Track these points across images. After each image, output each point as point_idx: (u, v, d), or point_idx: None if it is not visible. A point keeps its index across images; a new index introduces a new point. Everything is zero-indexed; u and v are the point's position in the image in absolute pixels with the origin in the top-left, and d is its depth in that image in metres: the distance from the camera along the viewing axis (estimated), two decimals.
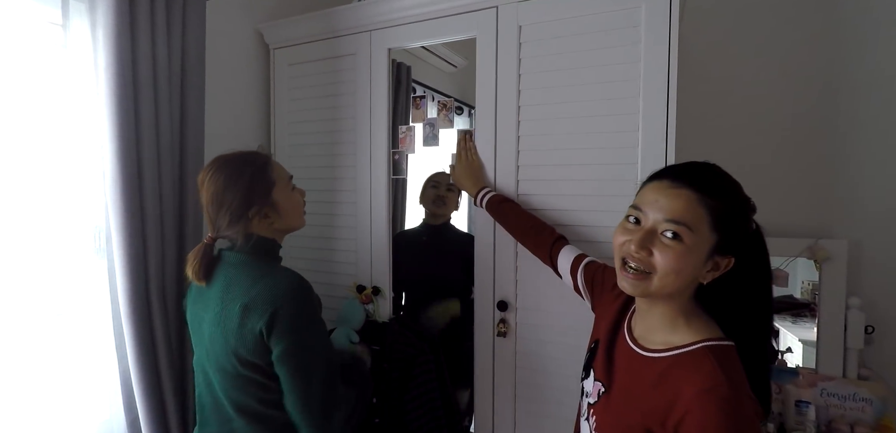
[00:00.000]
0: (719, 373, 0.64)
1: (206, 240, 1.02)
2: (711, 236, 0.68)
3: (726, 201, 0.69)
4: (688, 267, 0.68)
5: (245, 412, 0.97)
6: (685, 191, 0.68)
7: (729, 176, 0.72)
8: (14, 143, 1.10)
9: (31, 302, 1.13)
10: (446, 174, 1.83)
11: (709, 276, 0.70)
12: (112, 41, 1.10)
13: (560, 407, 1.29)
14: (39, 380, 1.14)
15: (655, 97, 1.14)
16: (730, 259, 0.69)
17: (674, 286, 0.70)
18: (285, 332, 0.92)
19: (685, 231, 0.67)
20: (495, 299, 1.35)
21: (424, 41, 1.46)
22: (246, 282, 0.96)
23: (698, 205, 0.67)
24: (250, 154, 1.05)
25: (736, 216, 0.69)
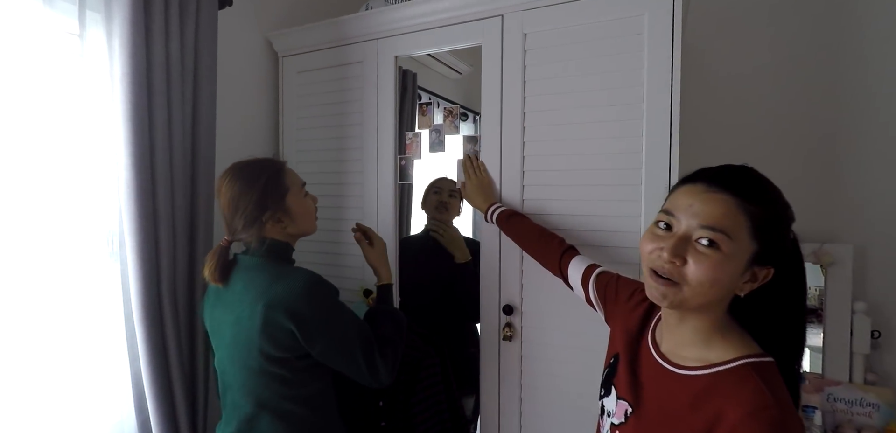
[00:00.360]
0: (766, 392, 0.60)
1: (222, 243, 1.07)
2: (751, 245, 0.63)
3: (768, 208, 0.64)
4: (725, 277, 0.63)
5: (268, 408, 1.02)
6: (723, 195, 0.63)
7: (769, 181, 0.67)
8: (32, 149, 1.13)
9: (45, 304, 1.15)
10: (449, 180, 1.84)
11: (746, 288, 0.65)
12: (127, 50, 1.13)
13: (565, 410, 1.30)
14: (53, 380, 1.16)
15: (659, 103, 1.15)
16: (769, 270, 0.65)
17: (708, 298, 0.65)
18: (318, 333, 0.99)
19: (723, 238, 0.62)
20: (501, 303, 1.36)
21: (430, 49, 1.49)
22: (264, 282, 1.00)
23: (738, 210, 0.62)
24: (266, 161, 1.10)
25: (777, 224, 0.65)
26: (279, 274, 1.02)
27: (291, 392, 1.02)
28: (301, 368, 1.03)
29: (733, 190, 0.64)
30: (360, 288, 1.58)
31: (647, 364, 0.75)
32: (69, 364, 1.19)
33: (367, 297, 1.54)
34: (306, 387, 1.05)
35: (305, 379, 1.05)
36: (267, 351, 0.98)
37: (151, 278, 1.18)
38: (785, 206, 0.66)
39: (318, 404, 1.09)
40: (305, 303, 0.98)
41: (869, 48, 1.46)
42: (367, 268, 1.58)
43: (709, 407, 0.63)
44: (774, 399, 0.59)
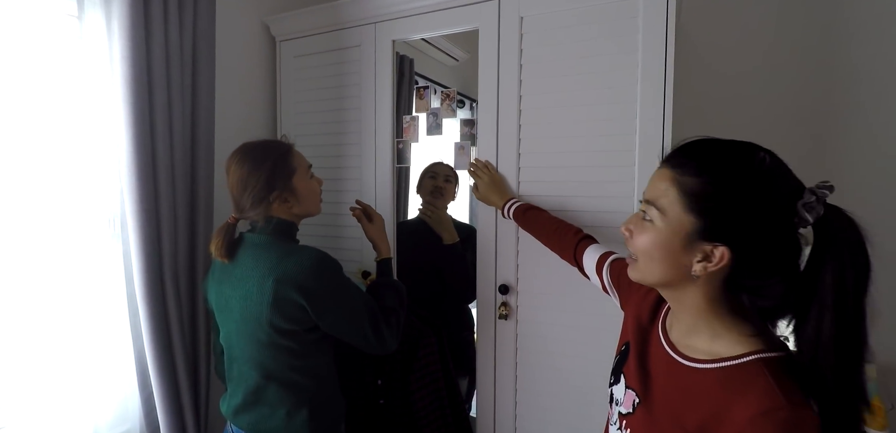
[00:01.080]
0: (776, 392, 0.56)
1: (229, 220, 1.10)
2: (688, 219, 0.61)
3: (710, 180, 0.60)
4: (659, 251, 0.63)
5: (275, 378, 1.07)
6: (664, 170, 0.64)
7: (731, 152, 0.61)
8: (32, 132, 1.14)
9: (48, 285, 1.17)
10: (445, 165, 1.86)
11: (699, 268, 0.61)
12: (127, 32, 1.14)
13: (560, 387, 1.34)
14: (58, 360, 1.18)
15: (653, 86, 1.17)
16: (723, 249, 0.59)
17: (657, 273, 0.65)
18: (328, 306, 1.04)
19: (654, 211, 0.64)
20: (497, 283, 1.39)
21: (428, 33, 1.50)
22: (273, 258, 1.04)
23: (671, 184, 0.62)
24: (274, 142, 1.13)
25: (726, 198, 0.59)
26: (287, 251, 1.05)
27: (299, 363, 1.07)
28: (309, 341, 1.08)
29: (671, 163, 0.64)
30: (358, 270, 1.60)
31: (657, 353, 0.73)
32: (73, 343, 1.21)
33: (365, 279, 1.57)
34: (312, 358, 1.10)
35: (312, 351, 1.09)
36: (276, 324, 1.02)
37: (154, 256, 1.20)
38: (748, 179, 0.59)
39: (322, 376, 1.13)
40: (315, 279, 1.02)
41: (855, 40, 1.49)
42: (365, 250, 1.61)
43: (716, 403, 0.61)
44: (786, 399, 0.55)
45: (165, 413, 1.25)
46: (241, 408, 1.11)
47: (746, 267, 0.60)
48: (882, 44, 1.47)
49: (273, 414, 1.08)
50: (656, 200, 0.64)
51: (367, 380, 1.51)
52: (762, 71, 1.60)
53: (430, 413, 1.48)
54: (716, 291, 0.64)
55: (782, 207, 0.58)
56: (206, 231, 1.35)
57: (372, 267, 1.59)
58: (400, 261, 1.61)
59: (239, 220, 1.11)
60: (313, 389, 1.10)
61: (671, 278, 0.65)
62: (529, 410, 1.39)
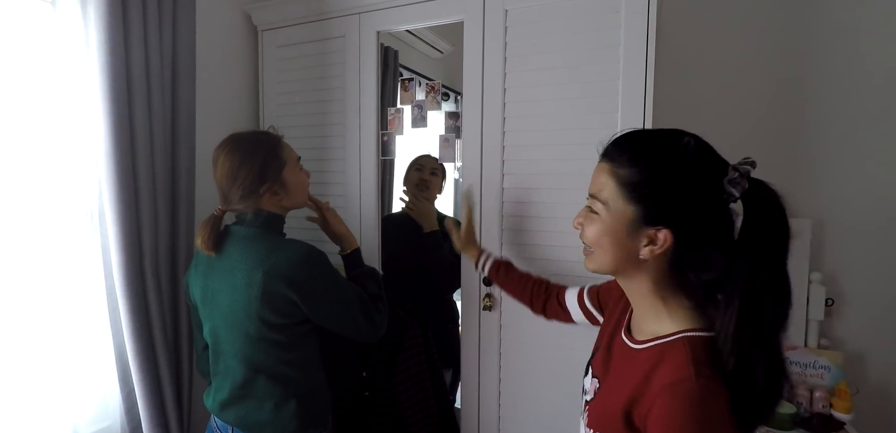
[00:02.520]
0: (688, 366, 0.60)
1: (215, 212, 1.08)
2: (628, 207, 0.66)
3: (644, 169, 0.65)
4: (605, 238, 0.68)
5: (264, 372, 1.07)
6: (603, 164, 0.70)
7: (658, 141, 0.66)
8: (7, 123, 1.10)
9: (25, 280, 1.14)
10: (431, 158, 1.85)
11: (646, 252, 0.66)
12: (104, 19, 1.11)
13: (543, 377, 1.36)
14: (36, 356, 1.16)
15: (634, 80, 1.19)
16: (665, 232, 0.64)
17: (605, 259, 0.70)
18: (319, 299, 1.05)
19: (597, 204, 0.69)
20: (481, 274, 1.40)
21: (412, 24, 1.49)
22: (262, 251, 1.04)
23: (609, 177, 0.67)
24: (264, 134, 1.12)
25: (661, 184, 0.64)
26: (276, 245, 1.05)
27: (288, 356, 1.08)
28: (298, 334, 1.09)
29: (607, 157, 0.69)
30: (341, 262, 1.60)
31: (618, 344, 0.79)
32: (51, 339, 1.18)
33: None
34: (300, 350, 1.10)
35: (300, 343, 1.10)
36: (266, 317, 1.02)
37: (133, 249, 1.18)
38: (676, 163, 0.63)
39: (310, 369, 1.14)
40: (305, 272, 1.02)
41: (829, 31, 1.54)
42: None
43: (642, 378, 0.65)
44: (695, 372, 0.59)
45: (147, 409, 1.23)
46: (227, 402, 1.10)
47: (687, 244, 0.64)
48: (858, 45, 1.52)
49: (261, 407, 1.07)
50: (598, 194, 0.69)
51: (351, 372, 1.51)
52: (740, 67, 1.64)
53: (415, 404, 1.49)
54: (662, 273, 0.68)
55: (711, 185, 0.62)
56: (188, 223, 1.33)
57: None
58: (385, 255, 1.61)
59: (225, 212, 1.09)
60: (301, 381, 1.10)
61: (622, 264, 0.69)
62: (513, 400, 1.42)
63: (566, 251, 1.30)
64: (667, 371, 0.63)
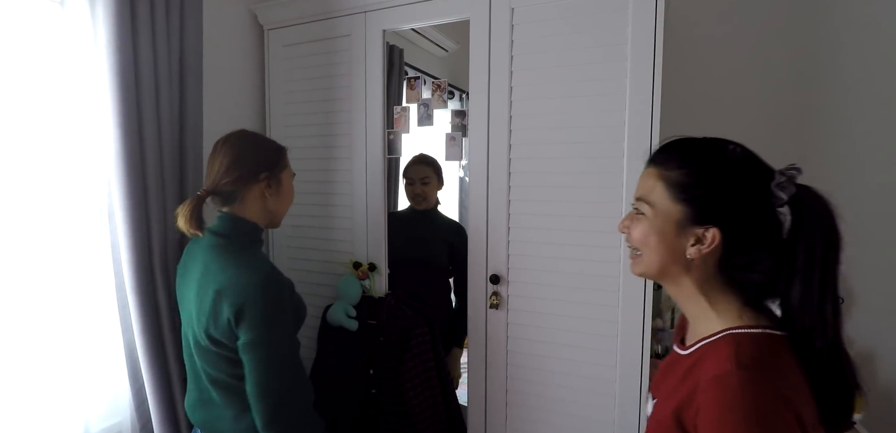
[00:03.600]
0: (732, 358, 0.60)
1: (200, 194, 1.03)
2: (675, 208, 0.68)
3: (693, 171, 0.67)
4: (653, 239, 0.70)
5: (218, 383, 1.04)
6: (649, 168, 0.73)
7: (706, 146, 0.69)
8: (15, 122, 1.11)
9: (37, 278, 1.15)
10: (418, 167, 1.82)
11: (694, 251, 0.67)
12: (112, 19, 1.12)
13: (551, 375, 1.36)
14: (48, 356, 1.17)
15: (642, 77, 1.19)
16: (714, 230, 0.65)
17: (656, 262, 0.71)
18: (251, 326, 0.95)
19: (644, 205, 0.71)
20: (488, 273, 1.40)
21: (418, 23, 1.49)
22: (219, 266, 0.99)
23: (656, 179, 0.70)
24: (271, 139, 1.14)
25: (707, 184, 0.66)
26: (238, 259, 0.99)
27: (241, 371, 1.00)
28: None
29: (654, 162, 0.72)
30: (349, 260, 1.60)
31: (671, 356, 0.79)
32: (63, 337, 1.19)
33: (356, 270, 1.57)
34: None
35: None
36: (211, 334, 0.98)
37: (143, 247, 1.19)
38: (725, 166, 0.66)
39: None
40: (253, 296, 0.95)
41: (842, 31, 1.53)
42: (356, 241, 1.61)
43: (692, 378, 0.66)
44: (739, 363, 0.59)
45: (157, 405, 1.24)
46: (196, 404, 1.09)
47: (735, 245, 0.66)
48: (870, 43, 1.50)
49: (222, 415, 1.04)
50: (646, 196, 0.71)
51: (358, 370, 1.52)
52: (748, 67, 1.63)
53: (422, 403, 1.50)
54: (709, 274, 0.69)
55: (758, 188, 0.65)
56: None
57: (363, 258, 1.59)
58: (392, 251, 1.61)
59: (208, 197, 1.04)
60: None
61: (669, 264, 0.70)
62: (520, 399, 1.42)
63: (574, 249, 1.30)
64: (710, 366, 0.63)
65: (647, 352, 1.24)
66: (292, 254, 1.76)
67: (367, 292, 1.56)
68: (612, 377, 1.29)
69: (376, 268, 1.58)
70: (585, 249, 1.29)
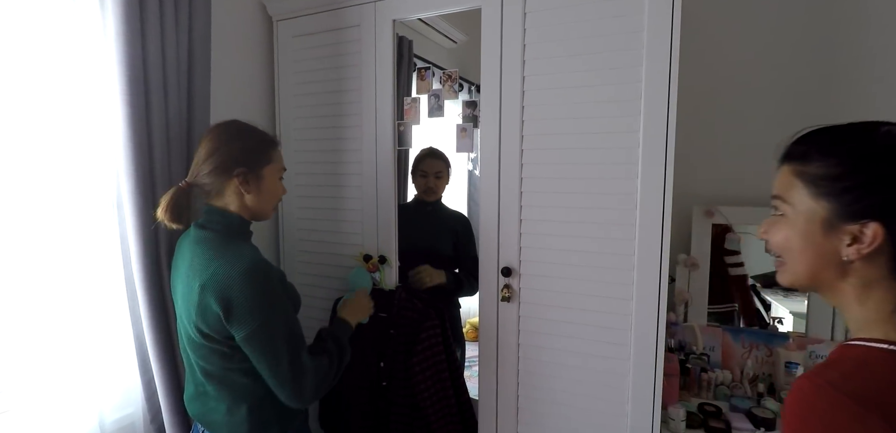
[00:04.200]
0: (823, 367, 0.56)
1: (181, 185, 1.04)
2: (817, 205, 0.59)
3: (839, 161, 0.58)
4: (795, 240, 0.62)
5: (211, 377, 1.04)
6: (783, 165, 0.65)
7: (851, 132, 0.60)
8: (24, 114, 1.11)
9: (49, 272, 1.15)
10: (433, 159, 1.83)
11: (851, 252, 0.58)
12: (120, 11, 1.12)
13: (562, 369, 1.35)
14: (59, 349, 1.17)
15: (658, 66, 1.16)
16: (875, 225, 0.55)
17: (799, 266, 0.63)
18: (244, 319, 0.94)
19: (781, 204, 0.64)
20: (499, 265, 1.39)
21: (429, 12, 1.47)
22: (204, 260, 0.98)
23: (791, 175, 0.63)
24: (262, 130, 1.10)
25: (857, 175, 0.57)
26: (222, 252, 0.98)
27: (231, 364, 1.02)
28: (235, 346, 1.00)
29: (786, 157, 0.64)
30: (359, 253, 1.60)
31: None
32: (75, 329, 1.19)
33: (367, 262, 1.56)
34: (247, 361, 1.01)
35: (244, 355, 1.00)
36: (201, 328, 0.98)
37: (151, 240, 1.19)
38: (878, 150, 0.57)
39: (260, 375, 1.03)
40: (237, 288, 0.93)
41: (867, 17, 1.48)
42: (365, 233, 1.60)
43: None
44: (816, 373, 0.55)
45: (166, 397, 1.25)
46: (192, 397, 1.10)
47: None
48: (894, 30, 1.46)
49: (216, 408, 1.05)
50: (783, 194, 0.64)
51: (369, 363, 1.51)
52: (768, 53, 1.60)
53: (433, 395, 1.49)
54: (875, 276, 0.58)
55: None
56: None
57: (374, 251, 1.58)
58: (401, 244, 1.60)
59: (190, 188, 1.04)
60: (250, 387, 1.03)
61: (820, 270, 0.61)
62: (532, 392, 1.40)
63: (588, 242, 1.28)
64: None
65: (661, 346, 1.22)
66: (302, 247, 1.76)
67: (378, 285, 1.55)
68: (625, 370, 1.27)
69: (387, 261, 1.57)
70: (599, 242, 1.27)
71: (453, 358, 1.55)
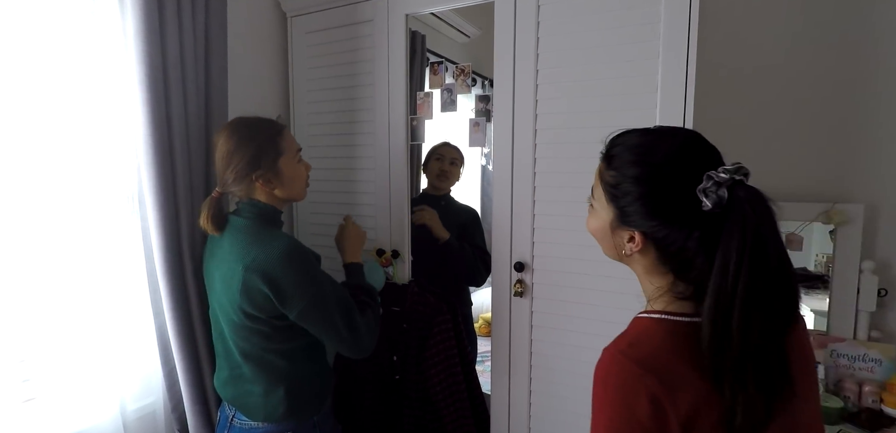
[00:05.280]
0: (618, 338, 0.67)
1: (213, 195, 1.11)
2: (609, 208, 0.69)
3: (618, 173, 0.67)
4: (599, 233, 0.73)
5: (250, 358, 1.09)
6: (600, 163, 0.73)
7: (637, 146, 0.67)
8: (48, 112, 1.14)
9: (74, 263, 1.18)
10: (451, 146, 1.85)
11: (628, 248, 0.68)
12: (140, 9, 1.13)
13: (575, 364, 1.34)
14: (81, 338, 1.20)
15: (675, 57, 1.14)
16: (638, 235, 0.66)
17: (605, 249, 0.75)
18: (294, 299, 1.02)
19: (592, 198, 0.74)
20: (512, 260, 1.38)
21: (441, 6, 1.47)
22: (244, 245, 1.05)
23: (599, 176, 0.72)
24: (265, 121, 1.12)
25: (625, 188, 0.66)
26: (260, 238, 1.05)
27: (272, 345, 1.08)
28: (279, 327, 1.07)
29: (602, 156, 0.72)
30: (372, 249, 1.61)
31: None
32: (99, 319, 1.23)
33: (380, 257, 1.57)
34: (286, 343, 1.09)
35: (285, 336, 1.09)
36: (246, 309, 1.03)
37: (172, 232, 1.21)
38: (649, 172, 0.65)
39: (298, 358, 1.12)
40: (280, 269, 1.01)
41: (889, 5, 1.43)
42: (379, 228, 1.61)
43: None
44: (613, 344, 0.66)
45: (188, 386, 1.27)
46: (227, 381, 1.14)
47: (660, 246, 0.66)
48: None
49: (252, 391, 1.10)
50: (593, 189, 0.74)
51: (382, 356, 1.53)
52: (787, 42, 1.55)
53: (446, 389, 1.50)
54: (651, 266, 0.69)
55: (679, 192, 0.62)
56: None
57: (387, 245, 1.59)
58: (412, 241, 1.60)
59: (223, 195, 1.12)
60: (288, 370, 1.10)
61: (617, 256, 0.73)
62: (544, 386, 1.40)
63: None
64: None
65: None
66: (315, 242, 1.77)
67: (391, 279, 1.56)
68: None
69: (399, 255, 1.58)
70: None
71: (465, 352, 1.56)
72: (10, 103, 1.07)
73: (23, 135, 1.09)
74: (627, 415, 0.59)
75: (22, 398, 1.11)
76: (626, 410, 0.59)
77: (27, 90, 1.10)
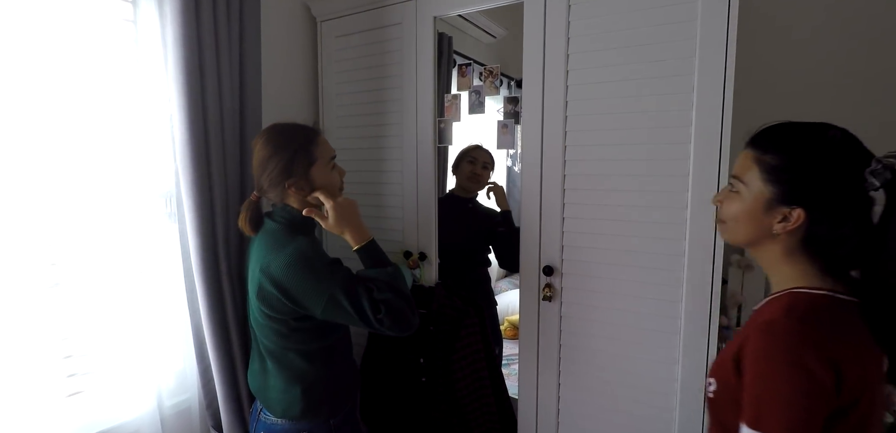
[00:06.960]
0: (783, 309, 0.69)
1: (251, 197, 1.15)
2: (766, 188, 0.73)
3: (786, 157, 0.72)
4: (743, 213, 0.77)
5: (272, 354, 1.13)
6: (748, 150, 0.78)
7: (804, 132, 0.73)
8: (93, 118, 1.19)
9: (110, 265, 1.23)
10: (483, 150, 1.85)
11: (780, 228, 0.73)
12: (179, 17, 1.17)
13: (605, 370, 1.31)
14: (121, 334, 1.25)
15: (713, 56, 1.10)
16: (798, 211, 0.71)
17: (741, 232, 0.79)
18: (312, 303, 1.04)
19: (739, 184, 0.77)
20: (541, 264, 1.37)
21: (470, 7, 1.46)
22: (265, 248, 1.08)
23: (751, 161, 0.76)
24: (300, 128, 1.13)
25: (798, 170, 0.72)
26: (278, 243, 1.07)
27: (289, 344, 1.11)
28: (296, 328, 1.10)
29: (751, 144, 0.77)
30: (399, 251, 1.61)
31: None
32: (138, 318, 1.27)
33: (407, 259, 1.58)
34: (304, 344, 1.12)
35: (302, 337, 1.11)
36: (263, 309, 1.08)
37: (209, 234, 1.25)
38: (817, 152, 0.71)
39: (316, 359, 1.14)
40: (285, 276, 1.03)
41: None
42: (407, 230, 1.62)
43: (750, 325, 0.74)
44: (785, 313, 0.68)
45: (222, 383, 1.31)
46: (256, 373, 1.18)
47: (820, 222, 0.71)
48: None
49: (273, 385, 1.13)
50: (742, 175, 0.77)
51: (408, 359, 1.53)
52: (830, 42, 1.48)
53: (473, 392, 1.49)
54: (794, 245, 0.74)
55: (850, 173, 0.69)
56: None
57: (414, 248, 1.59)
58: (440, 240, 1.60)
59: (260, 199, 1.15)
60: (306, 370, 1.12)
61: (755, 237, 0.77)
62: (573, 392, 1.38)
63: (634, 241, 1.24)
64: (765, 313, 0.72)
65: (712, 351, 1.17)
66: (343, 243, 1.78)
67: (418, 282, 1.56)
68: (672, 376, 1.22)
69: (426, 258, 1.58)
70: (646, 241, 1.22)
71: (492, 355, 1.55)
72: (62, 112, 1.13)
73: (65, 140, 1.14)
74: (808, 381, 0.63)
75: (67, 392, 1.17)
76: (807, 377, 0.63)
77: (80, 99, 1.16)
